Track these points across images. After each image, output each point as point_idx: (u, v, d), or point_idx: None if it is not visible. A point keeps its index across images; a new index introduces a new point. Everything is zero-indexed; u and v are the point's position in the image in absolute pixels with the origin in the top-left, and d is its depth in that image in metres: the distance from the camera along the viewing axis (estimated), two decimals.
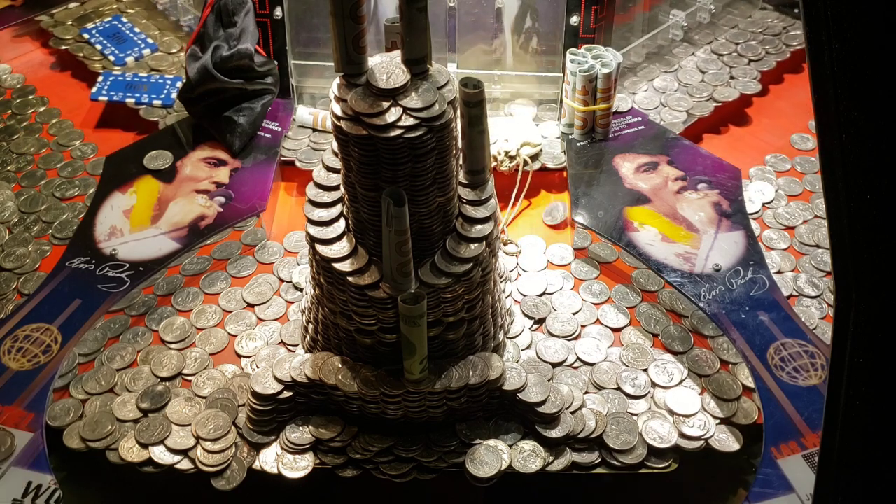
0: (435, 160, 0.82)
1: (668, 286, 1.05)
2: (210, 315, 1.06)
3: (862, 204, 0.59)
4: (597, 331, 1.04)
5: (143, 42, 1.42)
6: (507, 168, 1.18)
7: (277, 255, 1.13)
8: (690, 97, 1.32)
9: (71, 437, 0.93)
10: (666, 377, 0.99)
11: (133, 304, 1.06)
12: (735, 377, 0.98)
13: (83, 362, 1.00)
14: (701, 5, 1.41)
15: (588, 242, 1.13)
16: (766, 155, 1.26)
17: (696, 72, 1.37)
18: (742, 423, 0.94)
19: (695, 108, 1.30)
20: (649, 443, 0.92)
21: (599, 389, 0.97)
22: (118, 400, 0.96)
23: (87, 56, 1.41)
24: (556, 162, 1.20)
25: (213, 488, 0.90)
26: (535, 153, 1.19)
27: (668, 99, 1.32)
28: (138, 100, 1.30)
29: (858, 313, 0.61)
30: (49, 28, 1.46)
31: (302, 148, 1.23)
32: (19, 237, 1.14)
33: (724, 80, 1.35)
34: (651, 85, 1.34)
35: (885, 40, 0.57)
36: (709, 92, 1.33)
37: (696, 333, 1.03)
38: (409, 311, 0.82)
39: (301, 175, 1.21)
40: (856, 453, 0.64)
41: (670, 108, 1.30)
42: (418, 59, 0.80)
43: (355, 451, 0.91)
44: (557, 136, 1.24)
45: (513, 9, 1.25)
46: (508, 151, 1.18)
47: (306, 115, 1.27)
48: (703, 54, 1.41)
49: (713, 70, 1.37)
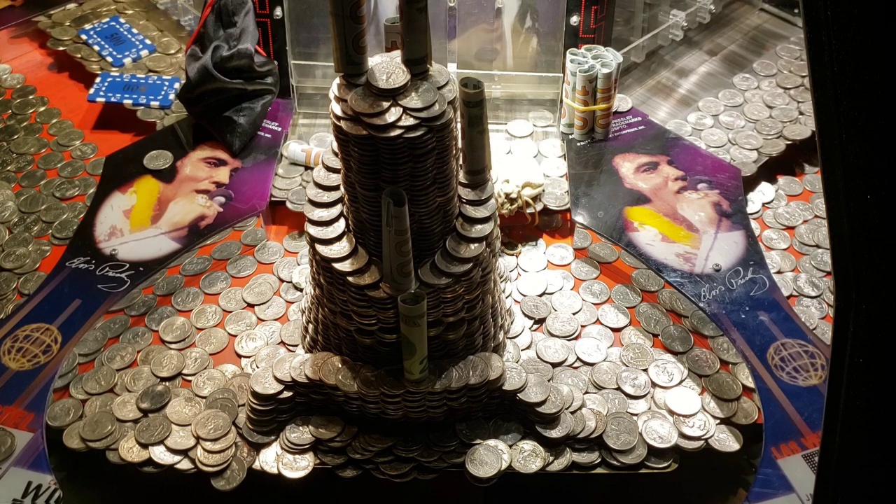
0: (435, 160, 0.82)
1: (668, 286, 1.05)
2: (210, 315, 1.06)
3: (862, 204, 0.59)
4: (597, 331, 1.04)
5: (141, 43, 1.42)
6: (509, 211, 1.12)
7: (277, 255, 1.13)
8: (759, 134, 1.27)
9: (71, 438, 0.93)
10: (666, 377, 0.99)
11: (133, 304, 1.06)
12: (735, 377, 0.98)
13: (83, 362, 1.00)
14: (701, 5, 1.41)
15: (588, 242, 1.13)
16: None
17: (764, 107, 1.32)
18: (742, 423, 0.94)
19: (765, 146, 1.25)
20: (649, 443, 0.92)
21: (599, 389, 0.98)
22: (118, 400, 0.96)
23: (84, 57, 1.41)
24: (559, 203, 1.15)
25: (213, 488, 0.90)
26: (536, 194, 1.14)
27: (737, 136, 1.26)
28: (136, 101, 1.30)
29: (858, 313, 0.61)
30: (47, 29, 1.46)
31: (294, 188, 1.16)
32: (19, 237, 1.14)
33: (793, 117, 1.30)
34: (717, 120, 1.30)
35: (885, 40, 0.57)
36: (778, 129, 1.28)
37: (696, 333, 1.03)
38: (409, 311, 0.82)
39: (292, 217, 1.15)
40: (856, 453, 0.64)
41: (739, 147, 1.25)
42: (418, 60, 0.80)
43: (355, 451, 0.91)
44: (561, 174, 1.19)
45: (513, 9, 1.25)
46: (509, 193, 1.12)
47: (298, 151, 1.19)
48: (768, 87, 1.35)
49: (781, 105, 1.32)
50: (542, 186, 1.15)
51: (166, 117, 1.28)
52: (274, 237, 1.16)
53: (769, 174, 1.23)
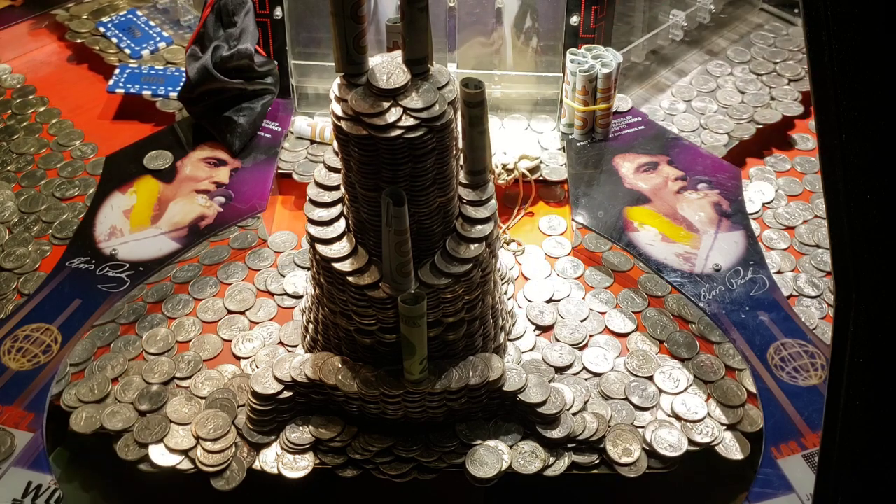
0: (435, 160, 0.82)
1: (675, 291, 1.04)
2: (206, 318, 1.05)
3: (862, 204, 0.59)
4: (604, 341, 1.03)
5: (159, 35, 1.43)
6: (505, 181, 1.15)
7: (269, 259, 1.12)
8: (731, 118, 1.29)
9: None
10: (672, 383, 0.98)
11: (121, 313, 1.05)
12: (740, 384, 0.97)
13: (74, 372, 0.99)
14: (701, 5, 1.41)
15: (586, 242, 1.13)
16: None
17: (736, 92, 1.34)
18: (748, 430, 0.93)
19: (736, 130, 1.28)
20: (660, 452, 0.92)
21: (607, 399, 0.97)
22: (108, 410, 0.95)
23: (102, 49, 1.41)
24: (557, 175, 1.18)
25: (213, 488, 0.90)
26: (533, 166, 1.17)
27: (709, 121, 1.29)
28: (155, 92, 1.31)
29: (858, 313, 0.61)
30: (65, 22, 1.47)
31: (299, 160, 1.21)
32: (19, 237, 1.14)
33: (765, 102, 1.33)
34: (689, 105, 1.32)
35: (885, 40, 0.57)
36: (749, 114, 1.30)
37: (702, 339, 1.02)
38: (409, 312, 0.82)
39: (298, 188, 1.19)
40: (856, 453, 0.64)
41: (711, 131, 1.27)
42: (419, 60, 0.80)
43: (355, 451, 0.91)
44: (559, 147, 1.22)
45: (513, 9, 1.25)
46: (506, 164, 1.15)
47: (304, 126, 1.24)
48: (741, 73, 1.38)
49: (753, 91, 1.34)
50: (538, 159, 1.17)
51: (184, 108, 1.28)
52: (280, 207, 1.18)
53: (738, 157, 1.25)
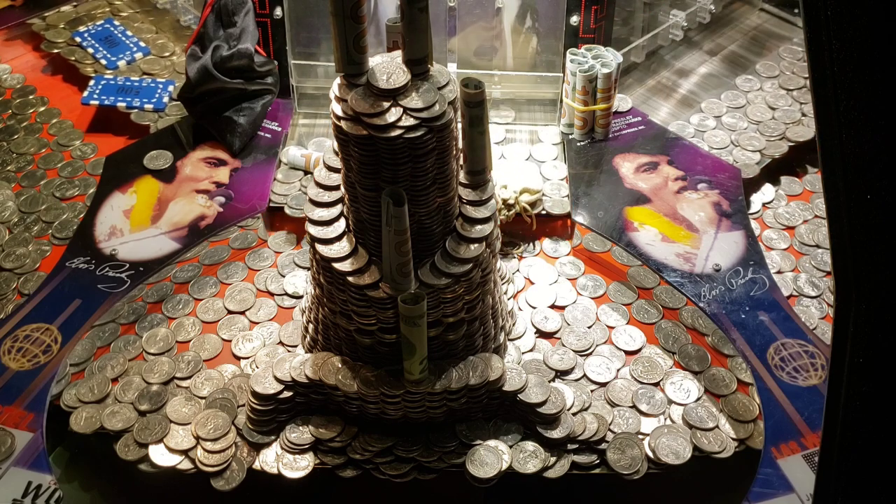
0: (435, 160, 0.82)
1: (691, 304, 1.04)
2: (206, 318, 1.05)
3: (862, 204, 0.59)
4: (608, 350, 1.02)
5: (136, 45, 1.42)
6: (506, 217, 1.09)
7: (269, 259, 1.12)
8: (762, 135, 1.26)
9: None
10: (683, 394, 0.97)
11: (121, 313, 1.05)
12: (752, 399, 0.96)
13: (74, 372, 0.99)
14: (701, 5, 1.41)
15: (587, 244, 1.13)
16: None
17: (767, 108, 1.31)
18: (756, 447, 0.92)
19: (768, 147, 1.24)
20: (664, 461, 0.91)
21: (614, 407, 0.96)
22: (108, 410, 0.95)
23: (79, 59, 1.40)
24: (560, 208, 1.13)
25: (213, 488, 0.90)
26: (534, 200, 1.12)
27: (740, 138, 1.26)
28: (130, 104, 1.30)
29: (858, 313, 0.61)
30: (41, 31, 1.45)
31: (292, 193, 1.15)
32: (19, 237, 1.14)
33: (797, 118, 1.29)
34: (720, 121, 1.29)
35: (885, 40, 0.57)
36: (781, 131, 1.27)
37: (715, 352, 1.01)
38: (409, 312, 0.82)
39: (291, 222, 1.14)
40: (856, 453, 0.64)
41: (742, 148, 1.24)
42: (419, 60, 0.80)
43: (355, 451, 0.91)
44: (561, 177, 1.17)
45: (513, 9, 1.25)
46: (506, 199, 1.09)
47: (297, 156, 1.19)
48: (771, 89, 1.35)
49: (784, 106, 1.32)
50: (540, 192, 1.13)
51: (160, 120, 1.28)
52: (272, 242, 1.14)
53: (771, 176, 1.22)
